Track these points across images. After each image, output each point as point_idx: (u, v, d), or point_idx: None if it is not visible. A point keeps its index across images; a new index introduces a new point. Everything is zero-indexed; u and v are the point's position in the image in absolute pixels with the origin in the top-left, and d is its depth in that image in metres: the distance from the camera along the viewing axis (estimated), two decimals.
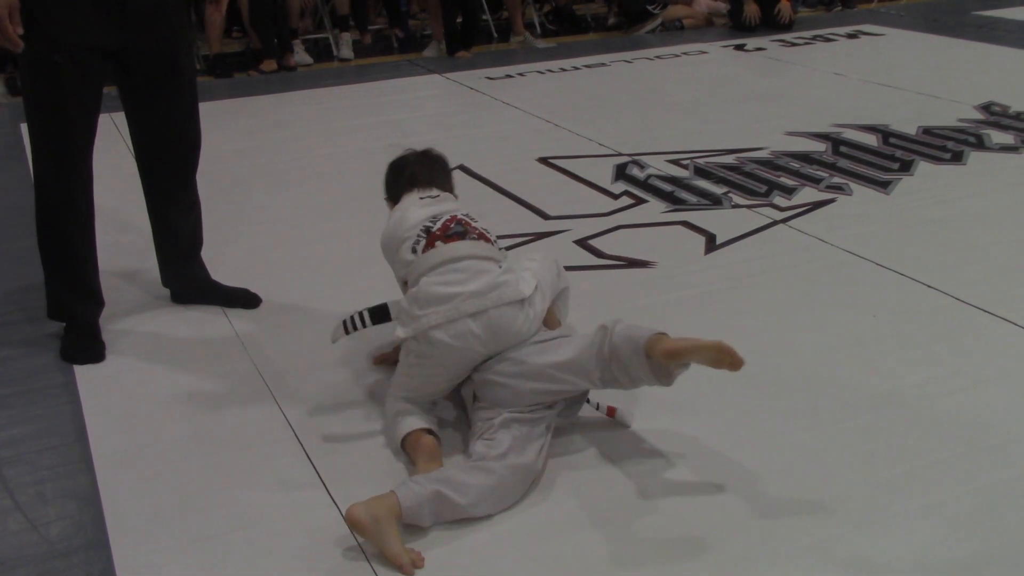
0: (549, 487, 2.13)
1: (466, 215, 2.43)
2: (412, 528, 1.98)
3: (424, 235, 2.34)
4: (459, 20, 6.94)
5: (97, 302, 2.86)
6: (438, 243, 2.31)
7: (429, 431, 2.22)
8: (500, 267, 2.29)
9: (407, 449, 2.21)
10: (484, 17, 7.38)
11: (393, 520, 1.92)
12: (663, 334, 2.08)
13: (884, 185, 3.96)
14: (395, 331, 2.26)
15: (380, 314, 2.31)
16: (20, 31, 2.47)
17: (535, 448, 2.12)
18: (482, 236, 2.36)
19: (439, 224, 2.36)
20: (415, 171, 2.59)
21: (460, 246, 2.30)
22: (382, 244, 2.48)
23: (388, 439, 2.30)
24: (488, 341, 2.20)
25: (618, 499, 2.09)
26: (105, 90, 2.71)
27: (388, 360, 2.61)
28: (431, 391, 2.30)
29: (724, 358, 2.02)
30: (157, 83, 2.71)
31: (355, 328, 2.31)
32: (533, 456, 2.11)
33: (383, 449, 2.30)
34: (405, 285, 2.39)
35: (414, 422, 2.23)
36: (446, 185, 2.62)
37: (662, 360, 2.04)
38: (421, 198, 2.49)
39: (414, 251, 2.33)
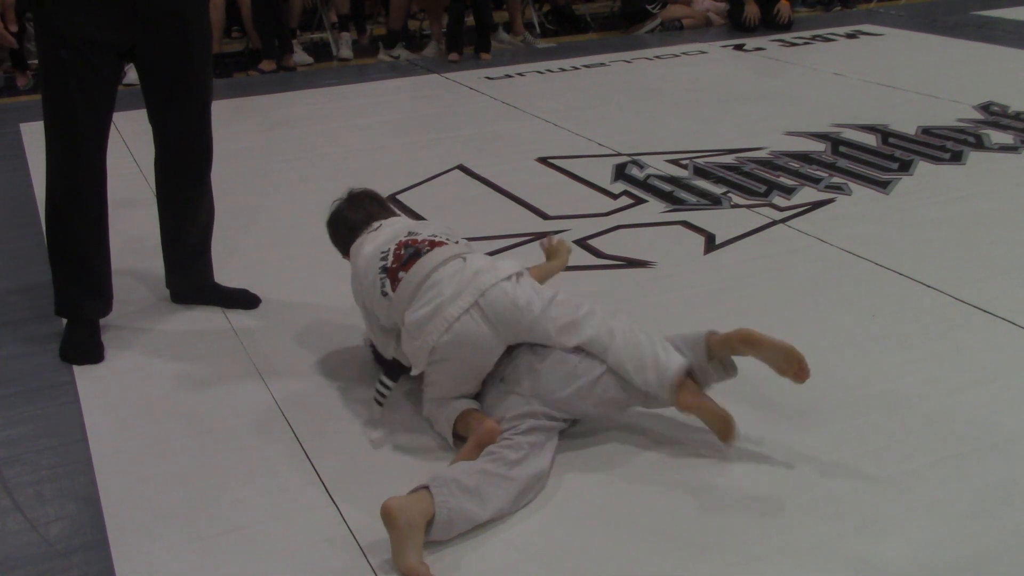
0: (549, 487, 2.13)
1: (409, 233, 2.38)
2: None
3: (384, 274, 2.31)
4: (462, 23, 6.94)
5: (105, 300, 2.85)
6: (400, 274, 2.28)
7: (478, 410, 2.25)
8: (465, 260, 2.28)
9: (460, 429, 2.22)
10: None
11: (422, 529, 1.89)
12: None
13: (883, 185, 3.96)
14: (412, 374, 2.30)
15: (397, 369, 2.35)
16: (14, 28, 2.47)
17: (549, 453, 2.15)
18: (433, 244, 2.33)
19: (390, 257, 2.33)
20: (347, 216, 2.59)
21: (418, 267, 2.27)
22: (356, 302, 2.45)
23: (436, 434, 2.30)
24: (495, 324, 2.20)
25: (618, 499, 2.09)
26: (119, 89, 2.72)
27: None
28: (459, 391, 2.29)
29: (793, 364, 2.13)
30: (170, 85, 2.72)
31: (384, 396, 2.35)
32: (548, 461, 2.13)
33: (383, 450, 2.30)
34: (388, 336, 2.38)
35: (461, 403, 2.25)
36: (383, 213, 2.59)
37: (731, 344, 2.18)
38: (365, 236, 2.46)
39: (385, 294, 2.30)
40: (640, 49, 7.00)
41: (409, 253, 2.31)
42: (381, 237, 2.40)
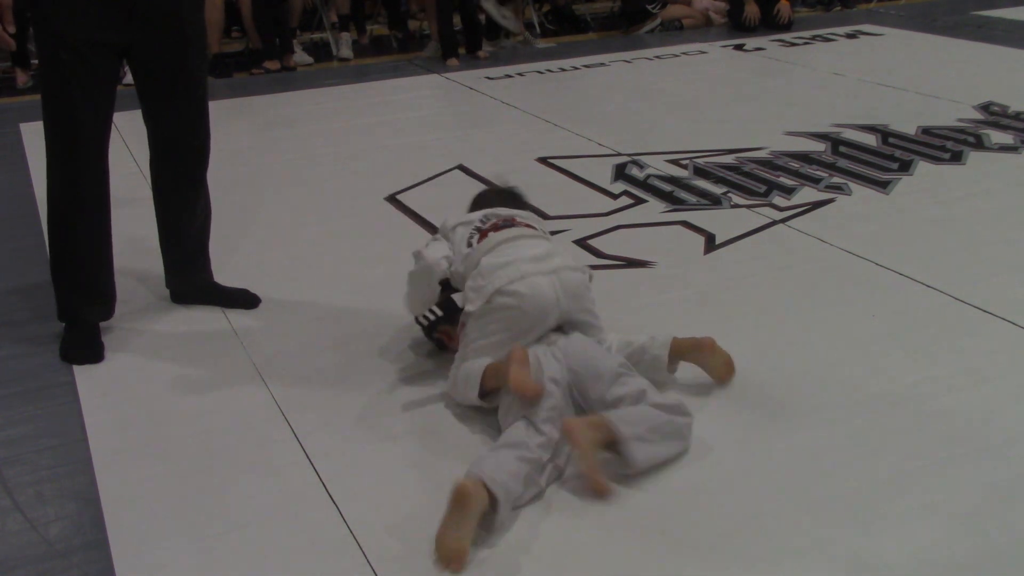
0: (550, 487, 2.13)
1: (513, 215, 2.61)
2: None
3: (476, 232, 2.54)
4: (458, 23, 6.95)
5: (105, 303, 2.85)
6: (490, 234, 2.50)
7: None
8: (549, 243, 2.51)
9: (489, 380, 2.27)
10: (481, 16, 7.37)
11: (478, 517, 1.92)
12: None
13: (883, 185, 3.96)
14: (464, 308, 2.41)
15: (447, 304, 2.49)
16: (12, 29, 2.47)
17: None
18: (527, 225, 2.57)
19: (489, 223, 2.57)
20: (483, 195, 2.86)
21: (509, 231, 2.50)
22: (442, 223, 2.66)
23: (460, 396, 2.36)
24: (560, 293, 2.36)
25: (618, 499, 2.08)
26: (119, 89, 2.72)
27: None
28: (496, 352, 2.34)
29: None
30: (167, 84, 2.72)
31: (428, 320, 2.53)
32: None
33: (384, 448, 2.30)
34: (447, 287, 2.55)
35: (484, 361, 2.32)
36: (514, 205, 2.77)
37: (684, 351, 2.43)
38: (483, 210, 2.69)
39: (470, 244, 2.51)
40: (640, 49, 7.00)
41: (504, 224, 2.55)
42: (491, 211, 2.65)
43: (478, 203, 2.79)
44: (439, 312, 2.51)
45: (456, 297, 2.49)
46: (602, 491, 2.05)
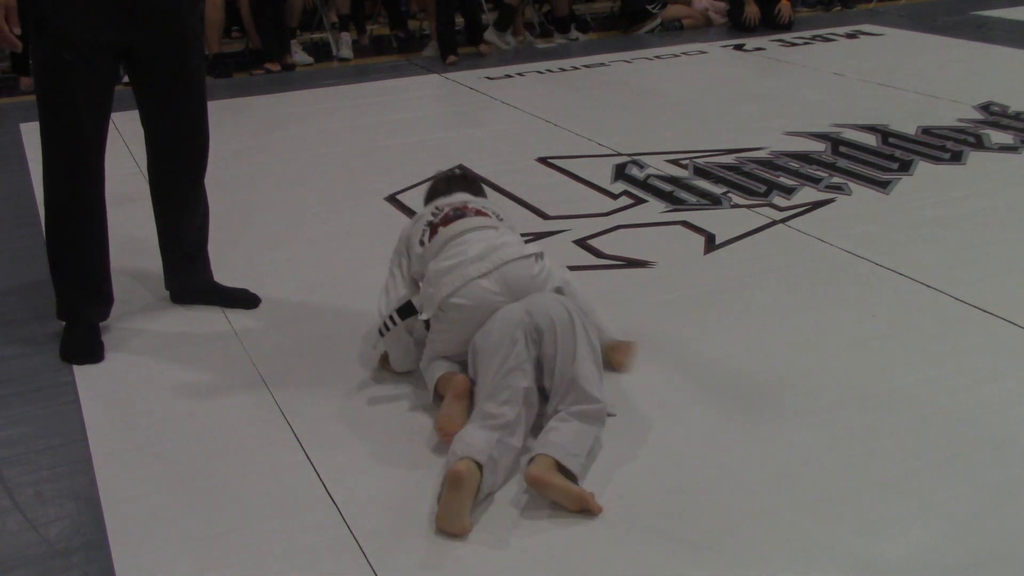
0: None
1: (464, 201, 2.62)
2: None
3: (428, 227, 2.57)
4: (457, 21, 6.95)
5: (105, 302, 2.85)
6: (440, 229, 2.52)
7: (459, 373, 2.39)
8: (498, 231, 2.50)
9: (439, 389, 2.38)
10: (484, 15, 7.37)
11: (474, 493, 2.02)
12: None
13: (883, 185, 3.96)
14: (419, 318, 2.45)
15: (407, 310, 2.48)
16: (18, 31, 2.46)
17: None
18: (479, 213, 2.56)
19: (440, 215, 2.58)
20: (436, 186, 2.83)
21: (456, 225, 2.51)
22: (400, 238, 2.67)
23: (434, 435, 2.34)
24: (506, 293, 2.37)
25: (617, 499, 2.08)
26: (118, 89, 2.71)
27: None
28: (458, 352, 2.43)
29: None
30: (167, 84, 2.72)
31: (388, 330, 2.49)
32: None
33: (383, 448, 2.30)
34: (416, 285, 2.59)
35: (443, 366, 2.42)
36: (466, 188, 2.81)
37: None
38: (439, 199, 2.70)
39: (422, 243, 2.55)
40: (640, 49, 7.00)
41: (455, 215, 2.55)
42: (445, 200, 2.66)
43: (431, 194, 2.81)
44: (397, 319, 2.48)
45: (415, 300, 2.48)
46: (597, 510, 2.06)
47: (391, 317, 2.47)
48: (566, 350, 2.22)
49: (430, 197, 2.80)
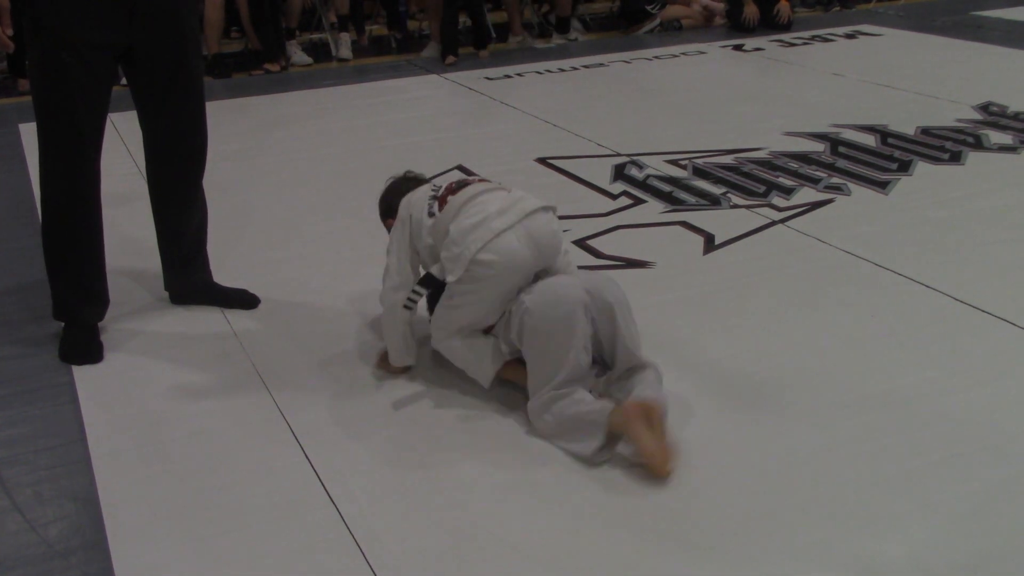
0: (547, 487, 2.13)
1: (462, 177, 2.62)
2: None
3: (434, 200, 2.51)
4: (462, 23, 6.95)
5: (102, 303, 2.85)
6: (449, 199, 2.47)
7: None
8: (510, 192, 2.49)
9: (509, 376, 2.44)
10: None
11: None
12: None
13: (883, 185, 3.96)
14: (446, 280, 2.39)
15: (428, 280, 2.45)
16: (10, 32, 2.46)
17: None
18: (482, 181, 2.55)
19: (443, 188, 2.54)
20: (398, 187, 2.74)
21: (467, 190, 2.47)
22: (400, 222, 2.56)
23: (462, 363, 2.45)
24: (533, 248, 2.37)
25: (618, 499, 2.08)
26: (116, 89, 2.71)
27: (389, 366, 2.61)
28: (483, 321, 2.43)
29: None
30: (166, 84, 2.71)
31: (414, 303, 2.48)
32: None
33: (383, 448, 2.30)
34: (418, 272, 2.54)
35: (485, 348, 2.44)
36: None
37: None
38: (417, 189, 2.64)
39: (432, 214, 2.48)
40: (640, 49, 7.00)
41: (459, 185, 2.52)
42: (437, 181, 2.65)
43: (393, 194, 2.69)
44: (422, 291, 2.47)
45: (434, 269, 2.44)
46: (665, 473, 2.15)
47: (415, 291, 2.46)
48: (631, 333, 2.35)
49: (398, 197, 2.63)
